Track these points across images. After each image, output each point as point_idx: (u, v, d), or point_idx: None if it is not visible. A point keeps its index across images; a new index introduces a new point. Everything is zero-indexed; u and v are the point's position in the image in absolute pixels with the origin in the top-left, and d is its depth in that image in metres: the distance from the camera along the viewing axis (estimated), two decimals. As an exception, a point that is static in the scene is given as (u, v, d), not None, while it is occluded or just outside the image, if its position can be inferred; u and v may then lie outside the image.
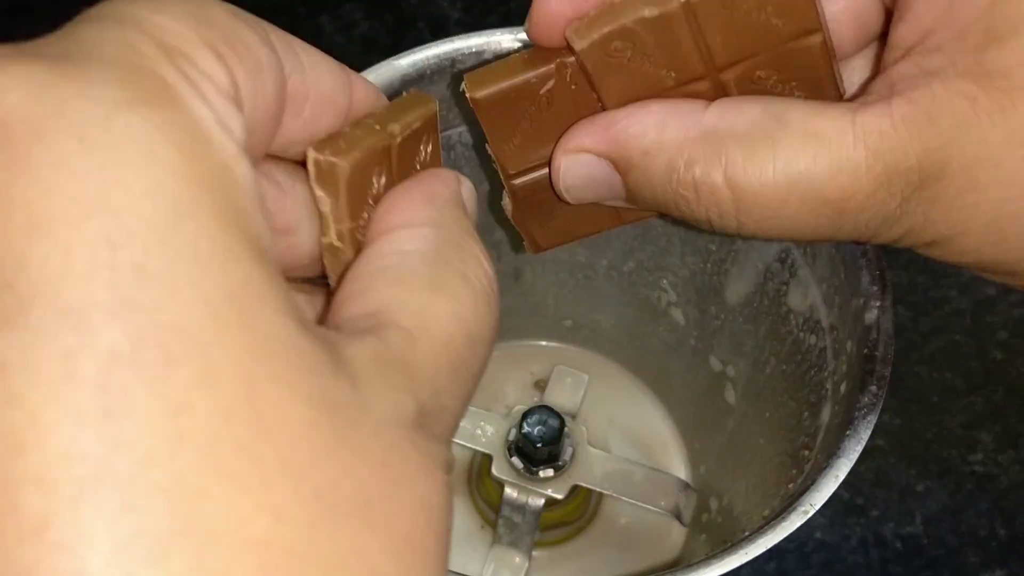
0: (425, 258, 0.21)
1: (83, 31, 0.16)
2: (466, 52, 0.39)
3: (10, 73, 0.15)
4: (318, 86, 0.21)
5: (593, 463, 0.46)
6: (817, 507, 0.32)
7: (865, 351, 0.35)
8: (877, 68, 0.29)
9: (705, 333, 0.48)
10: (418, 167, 0.25)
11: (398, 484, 0.17)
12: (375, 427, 0.17)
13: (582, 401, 0.52)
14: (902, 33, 0.27)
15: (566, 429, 0.45)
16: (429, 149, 0.26)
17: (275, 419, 0.15)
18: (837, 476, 0.33)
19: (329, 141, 0.22)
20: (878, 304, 0.36)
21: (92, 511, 0.13)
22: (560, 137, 0.30)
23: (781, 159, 0.26)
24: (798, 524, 0.32)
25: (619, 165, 0.28)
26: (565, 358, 0.55)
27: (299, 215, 0.23)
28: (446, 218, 0.23)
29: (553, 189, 0.30)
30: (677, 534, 0.50)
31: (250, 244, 0.16)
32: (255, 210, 0.16)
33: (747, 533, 0.32)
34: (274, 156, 0.22)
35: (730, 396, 0.47)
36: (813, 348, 0.39)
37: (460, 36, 0.40)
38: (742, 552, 0.31)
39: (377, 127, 0.23)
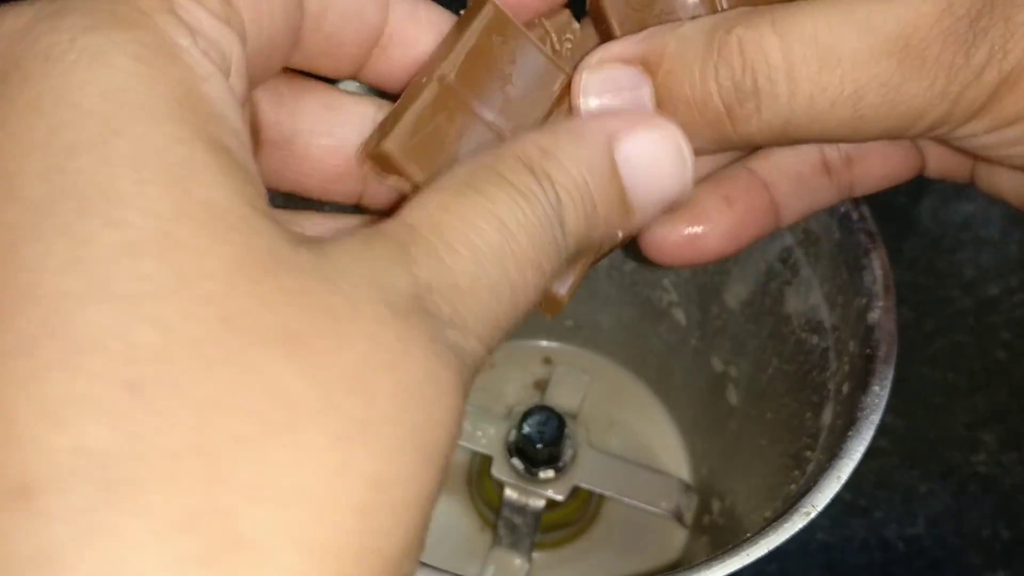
0: (468, 169, 0.20)
1: None
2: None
3: (4, 26, 0.17)
4: (342, 2, 0.22)
5: (594, 464, 0.46)
6: (819, 508, 0.32)
7: (868, 351, 0.35)
8: None
9: (707, 333, 0.48)
10: (510, 71, 0.24)
11: (345, 330, 0.16)
12: (331, 282, 0.17)
13: (582, 402, 0.52)
14: None
15: (566, 430, 0.45)
16: (515, 49, 0.24)
17: (188, 255, 0.16)
18: (839, 477, 0.32)
19: (377, 129, 0.23)
20: (881, 304, 0.35)
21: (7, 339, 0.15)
22: None
23: (830, 2, 0.23)
24: (800, 526, 0.32)
25: (651, 61, 0.25)
26: (566, 358, 0.54)
27: (295, 128, 0.24)
28: (516, 140, 0.22)
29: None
30: (678, 536, 0.50)
31: (204, 138, 0.17)
32: (221, 122, 0.18)
33: (748, 535, 0.32)
34: (292, 71, 0.23)
35: (732, 397, 0.47)
36: (815, 348, 0.39)
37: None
38: (743, 554, 0.31)
39: (424, 79, 0.23)
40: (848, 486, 0.32)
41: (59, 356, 0.15)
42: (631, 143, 0.22)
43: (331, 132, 0.25)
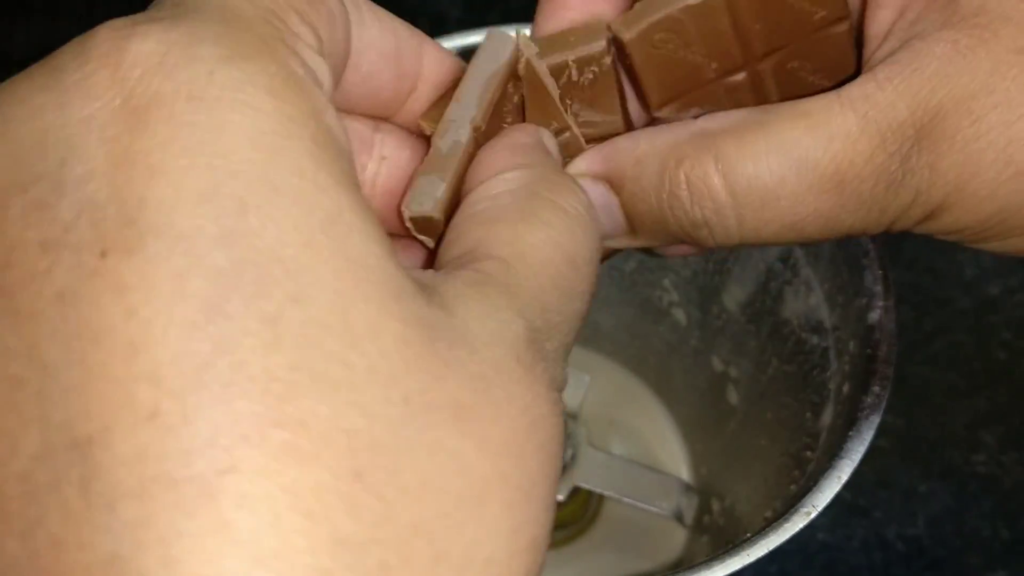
0: (515, 195, 0.22)
1: None
2: (466, 50, 0.39)
3: (132, 51, 0.17)
4: (380, 41, 0.23)
5: (594, 464, 0.46)
6: (819, 508, 0.32)
7: (868, 351, 0.35)
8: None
9: (707, 333, 0.48)
10: (508, 119, 0.26)
11: (496, 396, 0.18)
12: (471, 346, 0.18)
13: (583, 402, 0.52)
14: (878, 20, 0.26)
15: (567, 430, 0.45)
16: (516, 98, 0.26)
17: (365, 332, 0.16)
18: (840, 477, 0.33)
19: (410, 188, 0.24)
20: (881, 304, 0.35)
21: (196, 401, 0.15)
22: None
23: (773, 139, 0.25)
24: (800, 526, 0.32)
25: (613, 182, 0.27)
26: (566, 358, 0.54)
27: None
28: (531, 159, 0.24)
29: None
30: (679, 536, 0.50)
31: (342, 178, 0.17)
32: (344, 150, 0.18)
33: (749, 535, 0.32)
34: None
35: (732, 397, 0.47)
36: (816, 348, 0.39)
37: (460, 33, 0.39)
38: (744, 554, 0.31)
39: (448, 130, 0.24)
40: (848, 486, 0.32)
41: (289, 448, 0.15)
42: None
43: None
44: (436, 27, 0.67)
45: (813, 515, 0.32)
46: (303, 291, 0.16)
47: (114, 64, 0.17)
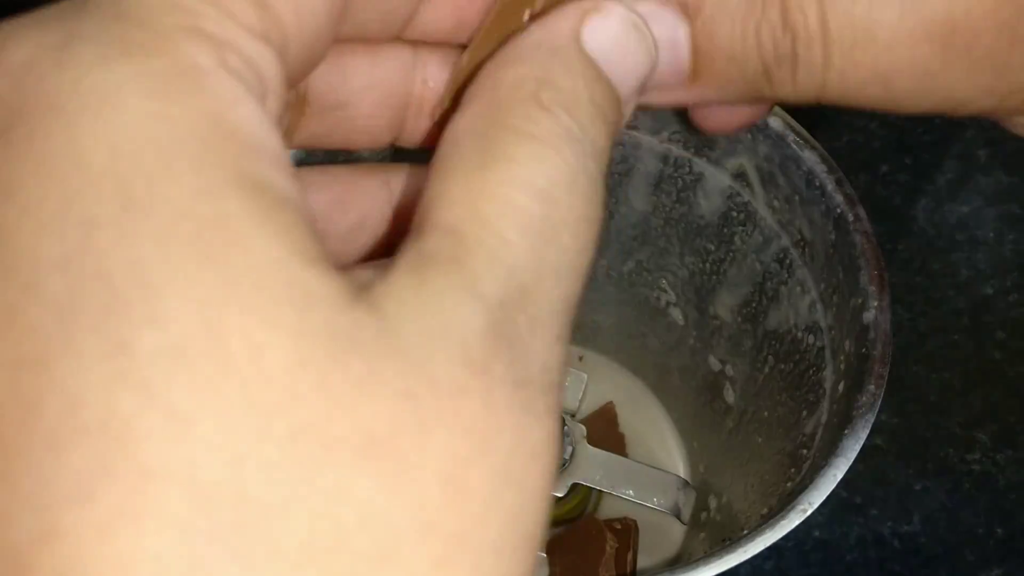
0: (475, 131, 0.18)
1: None
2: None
3: (3, 60, 0.15)
4: None
5: (592, 461, 0.46)
6: (815, 506, 0.32)
7: (863, 350, 0.35)
8: None
9: (704, 333, 0.48)
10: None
11: (427, 417, 0.14)
12: (400, 356, 0.15)
13: (582, 400, 0.52)
14: None
15: (566, 428, 0.45)
16: None
17: (244, 354, 0.14)
18: (835, 475, 0.33)
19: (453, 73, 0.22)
20: (876, 304, 0.36)
21: (35, 453, 0.13)
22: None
23: None
24: (796, 523, 0.32)
25: (689, 3, 0.22)
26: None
27: (348, 89, 0.22)
28: (502, 80, 0.19)
29: None
30: (676, 532, 0.50)
31: (236, 180, 0.15)
32: (258, 153, 0.15)
33: (746, 531, 0.32)
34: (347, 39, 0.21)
35: (729, 395, 0.47)
36: (811, 348, 0.39)
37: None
38: (741, 550, 0.31)
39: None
40: (844, 484, 0.33)
41: (121, 504, 0.13)
42: (593, 36, 0.20)
43: (378, 85, 0.23)
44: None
45: (809, 512, 0.32)
46: (162, 313, 0.13)
47: None
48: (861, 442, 0.33)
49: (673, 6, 0.22)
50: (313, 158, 0.37)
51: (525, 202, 0.17)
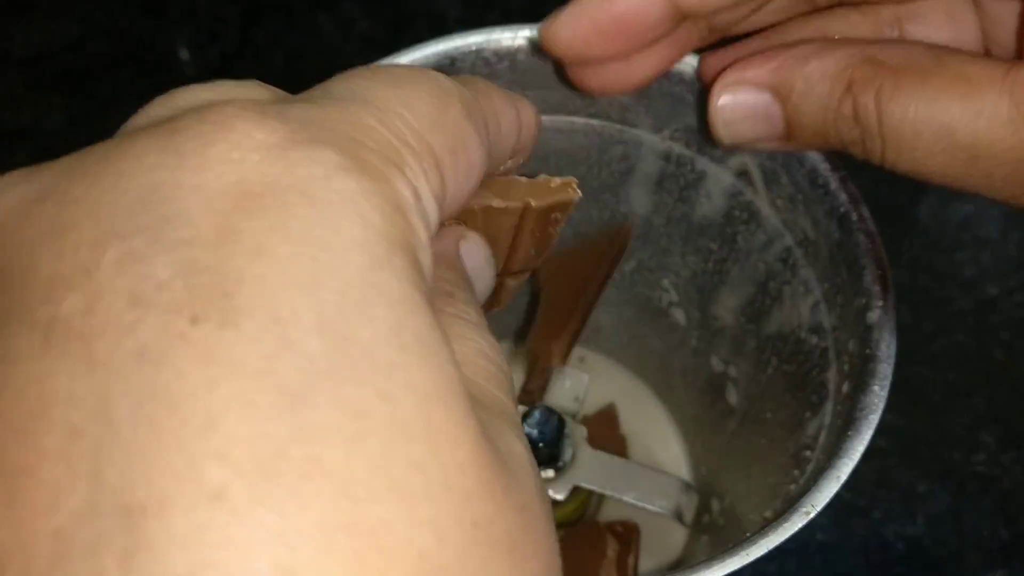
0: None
1: (328, 106, 0.19)
2: (465, 50, 0.39)
3: (256, 137, 0.17)
4: (500, 137, 0.24)
5: (593, 464, 0.46)
6: (819, 508, 0.32)
7: (867, 351, 0.35)
8: None
9: (706, 333, 0.48)
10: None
11: (537, 533, 0.18)
12: (514, 472, 0.18)
13: (583, 402, 0.52)
14: None
15: (566, 429, 0.45)
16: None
17: (446, 443, 0.16)
18: (839, 477, 0.32)
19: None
20: (880, 304, 0.35)
21: (266, 489, 0.14)
22: None
23: (928, 92, 0.26)
24: (800, 525, 0.32)
25: (780, 92, 0.29)
26: (565, 358, 0.54)
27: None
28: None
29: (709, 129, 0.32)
30: (678, 535, 0.50)
31: (428, 306, 0.17)
32: (429, 289, 0.18)
33: (748, 534, 0.32)
34: None
35: (731, 397, 0.47)
36: (815, 348, 0.39)
37: (459, 34, 0.39)
38: (743, 553, 0.31)
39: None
40: (847, 486, 0.32)
41: (356, 558, 0.15)
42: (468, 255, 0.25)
43: None
44: (435, 27, 0.67)
45: (812, 515, 0.32)
46: (392, 391, 0.16)
47: (235, 143, 0.17)
48: (865, 443, 0.33)
49: (767, 91, 0.29)
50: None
51: (485, 365, 0.21)
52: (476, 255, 0.25)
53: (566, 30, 0.30)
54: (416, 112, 0.20)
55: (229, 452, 0.14)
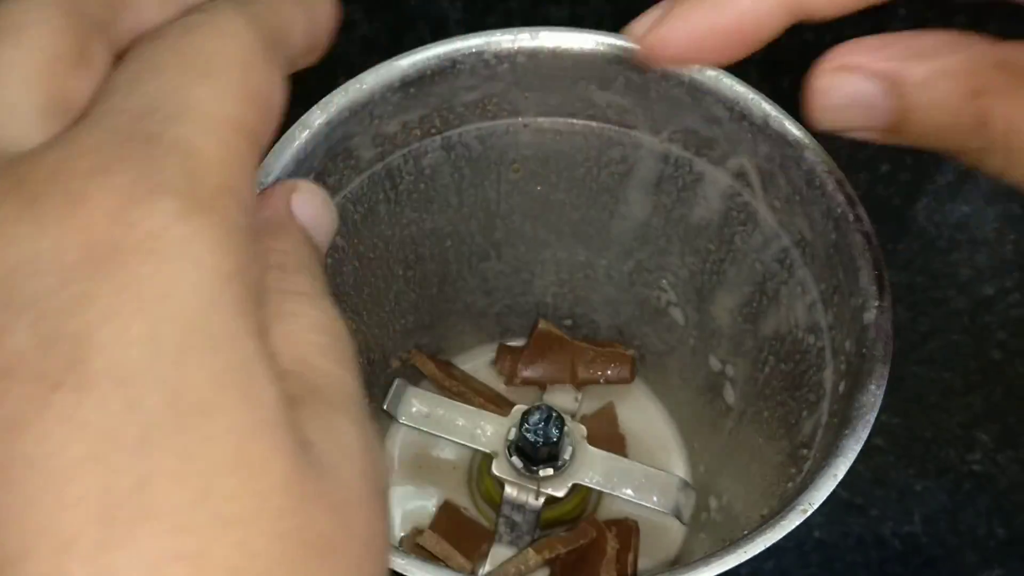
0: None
1: (153, 145, 0.19)
2: (466, 52, 0.39)
3: (99, 199, 0.18)
4: (293, 47, 0.24)
5: (593, 462, 0.46)
6: (815, 506, 0.32)
7: (864, 351, 0.35)
8: None
9: (704, 333, 0.48)
10: None
11: (354, 526, 0.19)
12: (330, 474, 0.19)
13: (582, 401, 0.52)
14: None
15: (566, 428, 0.45)
16: None
17: (259, 475, 0.18)
18: (836, 475, 0.33)
19: None
20: (877, 304, 0.36)
21: (109, 533, 0.16)
22: None
23: None
24: (796, 523, 0.32)
25: (894, 85, 0.26)
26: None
27: None
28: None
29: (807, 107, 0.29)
30: (676, 532, 0.50)
31: (253, 328, 0.19)
32: (258, 294, 0.20)
33: (746, 532, 0.32)
34: None
35: (729, 396, 0.47)
36: (812, 348, 0.39)
37: (460, 37, 0.40)
38: (740, 551, 0.31)
39: None
40: (844, 484, 0.33)
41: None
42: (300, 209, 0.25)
43: None
44: (436, 29, 0.67)
45: (809, 512, 0.32)
46: (214, 432, 0.17)
47: (83, 208, 0.18)
48: (862, 442, 0.33)
49: (879, 81, 0.26)
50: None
51: (317, 339, 0.22)
52: (310, 204, 0.25)
53: (673, 36, 0.29)
54: (224, 100, 0.20)
55: (80, 504, 0.16)
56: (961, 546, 0.53)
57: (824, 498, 0.32)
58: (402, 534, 0.50)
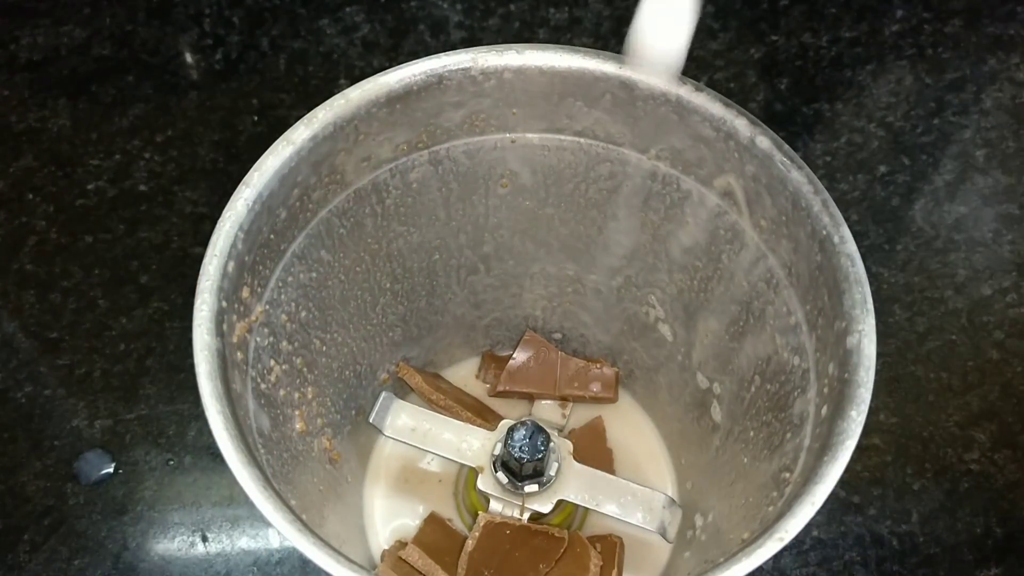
0: None
1: None
2: (453, 68, 0.39)
3: None
4: None
5: (578, 478, 0.46)
6: (792, 534, 0.32)
7: (846, 375, 0.35)
8: None
9: (692, 350, 0.48)
10: None
11: None
12: None
13: (569, 416, 0.52)
14: None
15: (552, 444, 0.45)
16: None
17: None
18: (814, 503, 0.33)
19: None
20: (860, 328, 0.35)
21: None
22: None
23: None
24: (773, 552, 0.32)
25: None
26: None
27: None
28: None
29: None
30: (662, 550, 0.50)
31: None
32: None
33: (723, 559, 0.32)
34: None
35: (716, 413, 0.47)
36: (796, 369, 0.39)
37: (447, 53, 0.40)
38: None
39: None
40: (842, 483, 0.32)
41: None
42: None
43: None
44: (436, 32, 0.67)
45: (786, 541, 0.32)
46: None
47: None
48: (841, 469, 0.33)
49: None
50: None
51: None
52: None
53: None
54: None
55: None
56: (958, 544, 0.53)
57: (801, 527, 0.32)
58: (386, 547, 0.50)
